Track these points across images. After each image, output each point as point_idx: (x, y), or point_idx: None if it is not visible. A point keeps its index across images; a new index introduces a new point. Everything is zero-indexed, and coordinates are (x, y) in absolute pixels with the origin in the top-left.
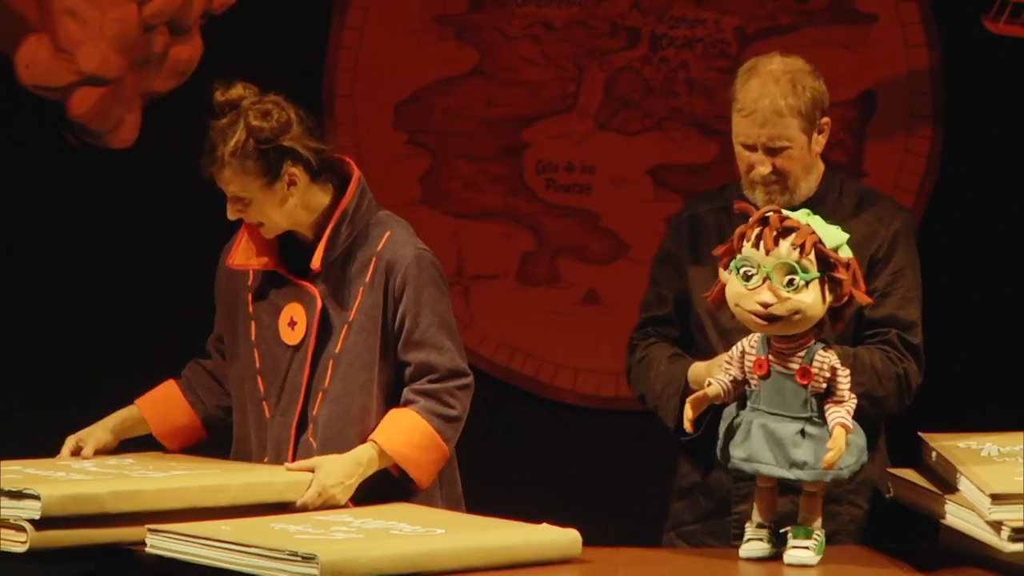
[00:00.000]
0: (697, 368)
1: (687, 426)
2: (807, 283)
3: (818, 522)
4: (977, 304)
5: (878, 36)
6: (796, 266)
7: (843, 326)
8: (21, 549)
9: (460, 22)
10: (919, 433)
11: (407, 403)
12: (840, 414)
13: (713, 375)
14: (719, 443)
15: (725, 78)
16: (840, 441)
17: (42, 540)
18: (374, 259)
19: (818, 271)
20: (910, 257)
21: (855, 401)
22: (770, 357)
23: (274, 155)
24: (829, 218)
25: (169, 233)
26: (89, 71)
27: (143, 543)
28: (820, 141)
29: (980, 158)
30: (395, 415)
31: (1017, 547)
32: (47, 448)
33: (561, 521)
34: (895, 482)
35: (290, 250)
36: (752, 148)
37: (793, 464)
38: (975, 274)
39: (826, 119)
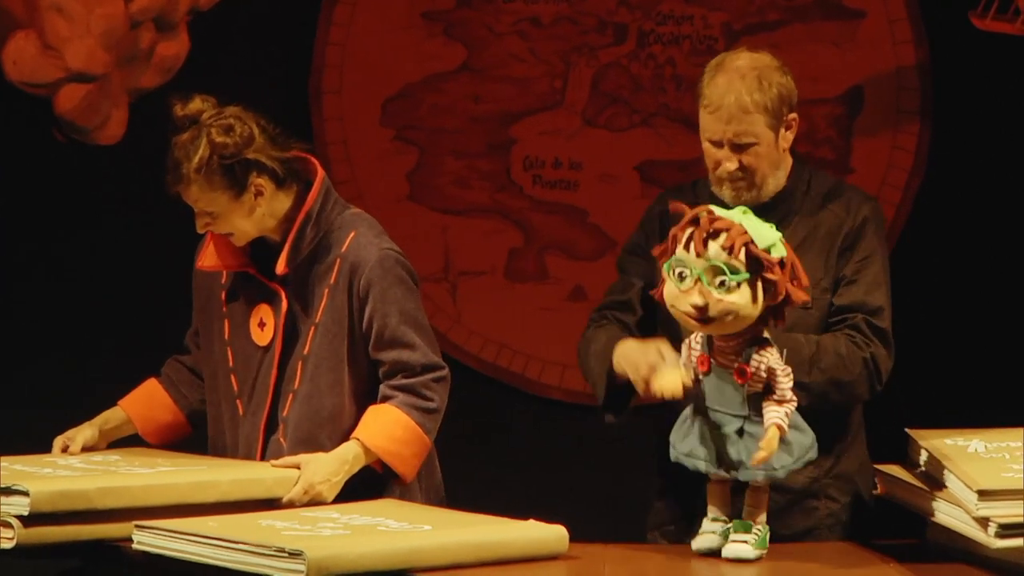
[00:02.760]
0: (625, 344)
1: (676, 393)
2: (738, 284)
3: (762, 517)
4: (965, 300)
5: (865, 32)
6: (725, 268)
7: (783, 323)
8: (8, 545)
9: (448, 18)
10: (906, 429)
11: (385, 399)
12: (778, 414)
13: (646, 355)
14: (671, 435)
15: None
16: (772, 441)
17: (29, 536)
18: (338, 261)
19: (748, 271)
20: (877, 244)
21: (795, 403)
22: (713, 354)
23: (239, 168)
24: (797, 212)
25: (157, 229)
26: (76, 68)
27: (130, 539)
28: (788, 137)
29: (968, 154)
30: (375, 412)
31: (1004, 543)
32: (33, 446)
33: (548, 517)
34: (882, 478)
35: (261, 250)
36: (719, 144)
37: (727, 462)
38: (963, 270)
39: (793, 115)
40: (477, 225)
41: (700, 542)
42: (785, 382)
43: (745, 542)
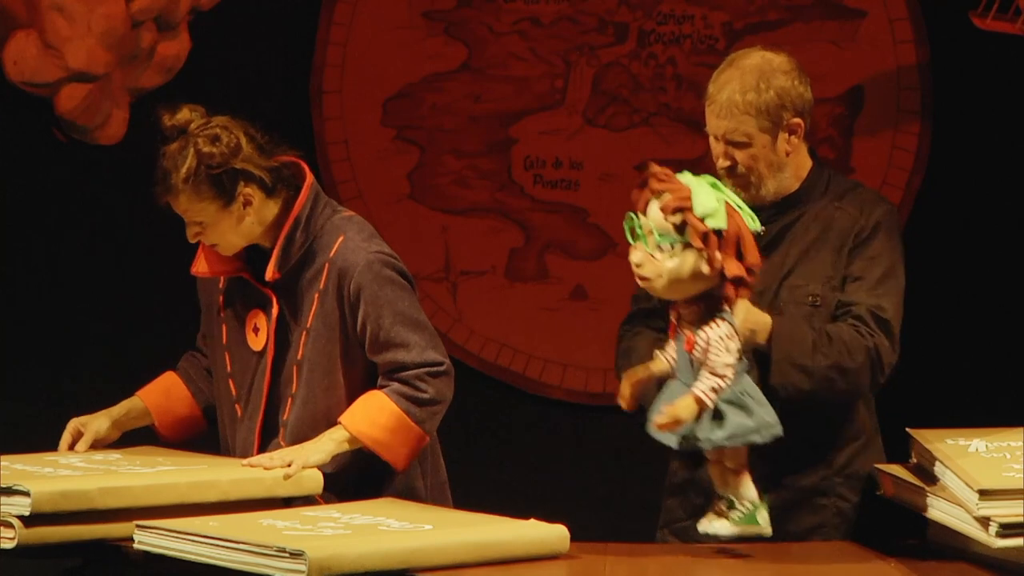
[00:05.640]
0: None
1: (622, 403)
2: (673, 247)
3: (748, 494)
4: (965, 299)
5: (866, 32)
6: (656, 230)
7: (747, 292)
8: (9, 545)
9: (448, 18)
10: (907, 429)
11: (379, 388)
12: (702, 385)
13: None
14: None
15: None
16: (679, 408)
17: (31, 536)
18: (327, 266)
19: (679, 235)
20: (889, 245)
21: (728, 380)
22: (680, 323)
23: (227, 178)
24: (811, 212)
25: (158, 229)
26: (77, 67)
27: (131, 539)
28: (793, 141)
29: (968, 153)
30: (363, 398)
31: (1005, 543)
32: (32, 445)
33: (549, 517)
34: (883, 478)
35: (257, 254)
36: (717, 139)
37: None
38: (963, 269)
39: (797, 119)
40: (477, 224)
41: (701, 524)
42: (720, 356)
43: (726, 519)
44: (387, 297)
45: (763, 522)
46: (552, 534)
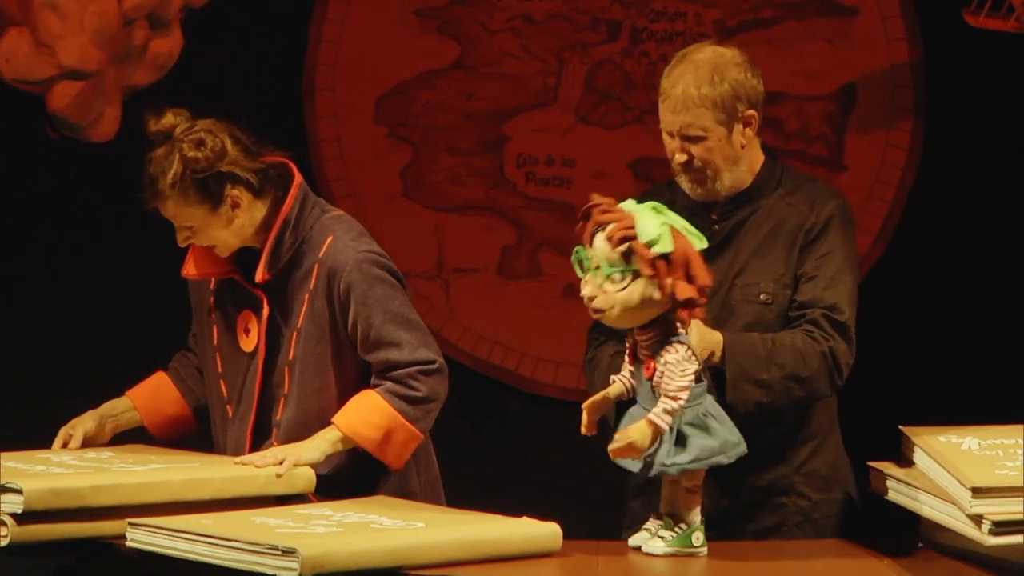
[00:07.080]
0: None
1: (583, 430)
2: (622, 277)
3: (690, 516)
4: (959, 297)
5: (859, 30)
6: (605, 261)
7: (701, 313)
8: (2, 543)
9: (441, 15)
10: (900, 427)
11: (372, 388)
12: (656, 409)
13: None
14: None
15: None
16: (632, 432)
17: (23, 534)
18: (316, 266)
19: (627, 265)
20: (841, 240)
21: (681, 402)
22: (638, 349)
23: (214, 182)
24: (764, 208)
25: (151, 227)
26: (69, 65)
27: (123, 537)
28: (747, 134)
29: (961, 151)
30: (356, 398)
31: (998, 540)
32: (28, 445)
33: (542, 515)
34: (875, 475)
35: (248, 255)
36: (672, 135)
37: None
38: (957, 267)
39: (751, 112)
40: (470, 222)
41: (633, 538)
42: (674, 379)
43: (662, 539)
44: (377, 296)
45: (697, 543)
46: (545, 532)
